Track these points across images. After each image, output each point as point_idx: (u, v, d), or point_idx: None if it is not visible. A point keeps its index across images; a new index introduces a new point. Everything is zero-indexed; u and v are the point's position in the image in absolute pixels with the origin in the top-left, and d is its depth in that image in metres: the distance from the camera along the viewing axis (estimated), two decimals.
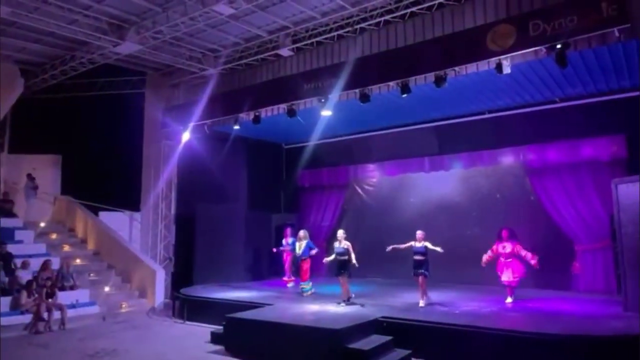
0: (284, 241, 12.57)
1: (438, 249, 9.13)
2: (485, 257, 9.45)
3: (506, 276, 9.24)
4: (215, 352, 8.26)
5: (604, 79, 9.79)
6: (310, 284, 11.10)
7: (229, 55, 12.89)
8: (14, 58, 13.58)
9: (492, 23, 8.54)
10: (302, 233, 11.44)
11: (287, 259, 12.43)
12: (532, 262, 9.09)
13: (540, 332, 6.84)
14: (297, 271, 11.68)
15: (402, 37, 10.37)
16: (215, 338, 8.80)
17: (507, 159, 12.09)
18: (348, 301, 9.47)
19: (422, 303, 9.16)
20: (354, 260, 9.47)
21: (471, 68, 8.96)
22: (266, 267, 14.17)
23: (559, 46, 7.62)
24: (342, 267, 9.55)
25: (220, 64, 13.08)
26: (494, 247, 9.39)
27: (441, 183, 13.08)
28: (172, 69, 13.94)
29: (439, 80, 8.89)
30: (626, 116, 10.00)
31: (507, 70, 8.32)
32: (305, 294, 10.85)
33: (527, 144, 11.64)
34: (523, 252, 9.18)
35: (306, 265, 11.20)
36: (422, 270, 9.18)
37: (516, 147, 11.84)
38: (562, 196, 11.05)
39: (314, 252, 11.24)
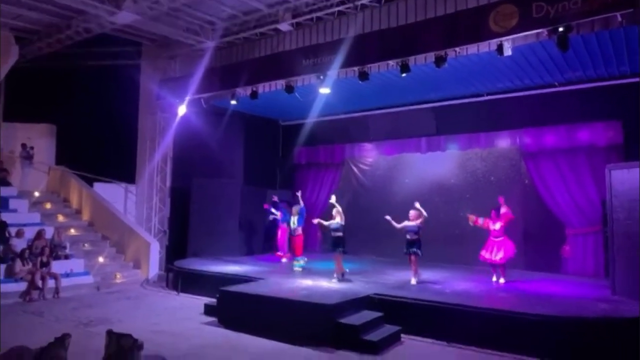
0: (274, 210, 12.67)
1: (424, 212, 9.27)
2: (474, 218, 9.58)
3: (495, 255, 9.36)
4: (209, 323, 8.38)
5: (604, 64, 9.76)
6: (304, 259, 11.19)
7: (227, 28, 12.70)
8: (9, 25, 13.31)
9: (495, 3, 8.41)
10: (296, 208, 11.50)
11: (282, 235, 12.50)
12: (508, 214, 9.30)
13: (529, 313, 6.96)
14: (291, 246, 11.76)
15: (403, 15, 10.25)
16: (208, 310, 8.92)
17: (504, 141, 12.14)
18: (342, 277, 9.58)
19: (413, 281, 9.29)
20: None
21: (472, 49, 8.90)
22: (260, 242, 14.27)
23: (561, 29, 7.56)
24: (336, 243, 9.63)
25: (218, 37, 12.90)
26: (485, 220, 9.48)
27: (437, 164, 13.12)
28: (169, 41, 13.72)
29: (439, 61, 8.82)
30: (624, 102, 10.04)
31: (508, 52, 8.27)
32: (297, 269, 10.95)
33: (524, 128, 11.68)
34: (503, 210, 9.32)
35: (299, 241, 11.28)
36: (414, 249, 9.28)
37: (513, 131, 11.88)
38: (557, 180, 11.13)
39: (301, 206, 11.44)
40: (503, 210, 9.41)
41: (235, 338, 7.58)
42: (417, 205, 9.36)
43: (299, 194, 11.79)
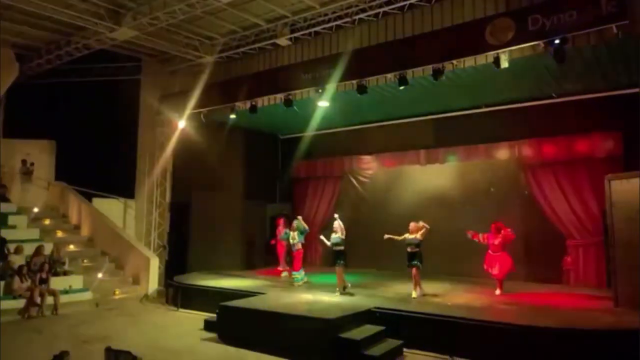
0: (277, 231, 12.58)
1: (424, 225, 9.26)
2: (471, 234, 9.58)
3: (493, 269, 9.34)
4: (208, 339, 8.30)
5: (601, 76, 9.81)
6: (303, 273, 11.14)
7: (226, 43, 12.81)
8: (10, 42, 13.45)
9: (491, 16, 8.53)
10: (295, 223, 11.46)
11: (282, 249, 12.45)
12: (509, 235, 9.30)
13: (532, 325, 6.90)
14: (291, 261, 11.68)
15: (400, 29, 10.34)
16: (208, 326, 8.84)
17: (503, 153, 12.15)
18: (344, 290, 9.52)
19: (414, 294, 9.23)
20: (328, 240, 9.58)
21: (469, 62, 8.94)
22: (260, 256, 14.19)
23: (557, 41, 7.63)
24: (338, 257, 9.59)
25: (217, 52, 13.00)
26: (484, 235, 9.47)
27: (436, 176, 13.12)
28: (169, 56, 13.84)
29: (437, 73, 8.87)
30: (623, 113, 10.05)
31: (505, 64, 8.30)
32: (297, 284, 10.88)
33: (523, 139, 11.70)
34: (503, 231, 9.31)
35: (299, 255, 11.23)
36: (415, 262, 9.23)
37: (512, 142, 11.90)
38: (556, 191, 11.12)
39: (305, 228, 11.32)
40: (497, 240, 9.36)
41: (235, 354, 7.51)
42: (421, 222, 9.32)
43: (300, 218, 11.66)
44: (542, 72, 9.58)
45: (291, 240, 11.32)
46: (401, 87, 9.40)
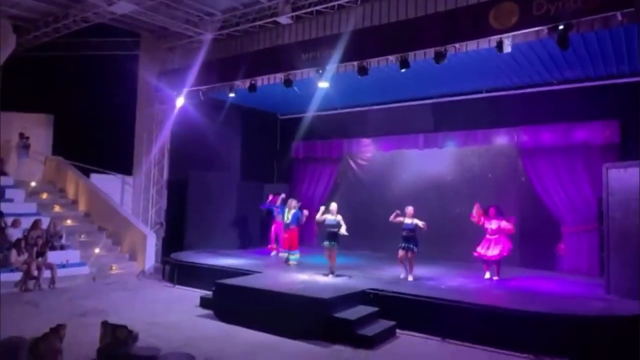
0: (270, 198, 12.60)
1: (420, 224, 9.22)
2: (473, 215, 9.59)
3: (492, 252, 9.39)
4: (204, 316, 8.40)
5: (603, 63, 9.76)
6: (298, 254, 11.18)
7: (227, 20, 12.63)
8: (7, 13, 13.21)
9: (496, 0, 8.41)
10: (292, 202, 11.47)
11: (276, 228, 12.45)
12: (509, 227, 9.27)
13: (523, 310, 7.00)
14: (285, 241, 11.57)
15: (403, 10, 10.20)
16: (204, 303, 8.94)
17: (501, 139, 12.16)
18: (333, 274, 9.57)
19: (410, 277, 9.32)
20: (344, 231, 9.51)
21: (472, 45, 8.87)
22: (257, 235, 14.25)
23: (561, 27, 7.56)
24: (332, 238, 9.64)
25: (217, 29, 12.83)
26: (482, 219, 9.51)
27: (434, 160, 13.14)
28: (168, 32, 13.66)
29: (439, 57, 8.80)
30: (622, 101, 10.07)
31: (507, 49, 8.24)
32: (292, 263, 10.94)
33: (522, 125, 11.70)
34: (503, 223, 9.32)
35: (294, 235, 11.26)
36: (411, 246, 9.29)
37: (510, 128, 11.90)
38: (553, 178, 11.16)
39: (305, 214, 11.31)
40: (504, 224, 9.36)
41: (230, 330, 7.60)
42: (418, 222, 9.32)
43: (301, 207, 11.67)
44: (544, 58, 9.52)
45: (286, 219, 11.33)
46: (402, 70, 9.33)
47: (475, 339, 7.02)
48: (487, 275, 9.48)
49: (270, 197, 12.79)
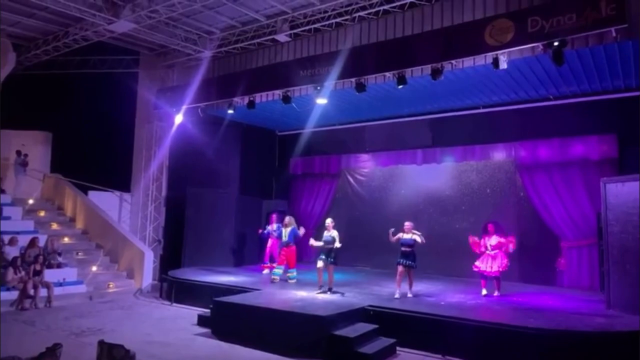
0: (269, 227, 12.50)
1: (419, 238, 9.18)
2: (472, 241, 9.52)
3: (491, 268, 9.32)
4: (202, 334, 8.30)
5: (599, 79, 9.86)
6: (296, 272, 11.08)
7: (225, 38, 12.78)
8: (7, 32, 13.35)
9: (491, 17, 8.54)
10: (287, 219, 11.40)
11: (271, 246, 12.36)
12: (510, 245, 9.21)
13: (524, 326, 6.94)
14: (281, 258, 11.49)
15: (400, 28, 10.35)
16: (202, 321, 8.84)
17: (499, 154, 12.20)
18: (320, 290, 9.48)
19: (410, 294, 9.25)
20: (337, 243, 9.45)
21: (468, 62, 8.97)
22: (255, 252, 14.19)
23: (556, 43, 7.66)
24: (329, 255, 9.58)
25: (216, 47, 12.97)
26: (482, 241, 9.45)
27: (433, 176, 13.16)
28: (167, 50, 13.80)
29: (436, 73, 8.88)
30: (618, 116, 10.14)
31: (503, 65, 8.33)
32: (290, 282, 10.86)
33: (519, 140, 11.74)
34: (504, 240, 9.27)
35: (292, 252, 11.19)
36: (409, 262, 9.24)
37: (508, 143, 11.95)
38: (551, 193, 11.17)
39: (302, 231, 11.22)
40: (504, 240, 9.33)
41: (228, 349, 7.51)
42: (417, 236, 9.32)
43: (291, 219, 11.60)
44: (540, 74, 9.61)
45: (283, 238, 11.28)
46: (400, 86, 9.41)
47: (476, 356, 6.96)
48: (484, 292, 9.38)
49: (271, 223, 12.55)
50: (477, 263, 9.48)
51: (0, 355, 5.12)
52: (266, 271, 12.04)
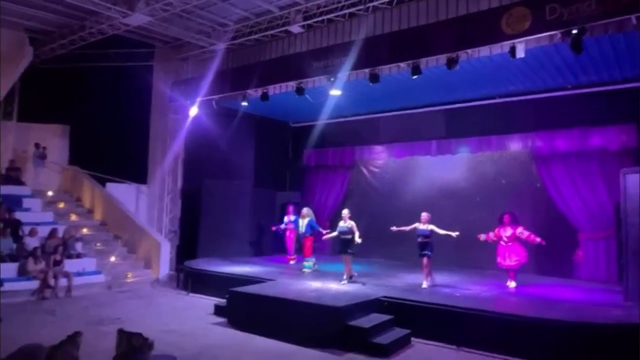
0: (285, 218, 12.58)
1: (452, 233, 9.13)
2: (483, 236, 9.46)
3: (508, 260, 9.27)
4: (218, 324, 8.42)
5: (618, 67, 9.64)
6: (313, 260, 11.20)
7: (239, 30, 12.78)
8: (24, 26, 13.53)
9: (507, 5, 8.38)
10: (305, 210, 11.49)
11: (290, 237, 12.49)
12: (538, 240, 9.08)
13: (541, 318, 6.90)
14: (300, 248, 11.74)
15: (414, 17, 10.24)
16: (218, 310, 8.97)
17: (515, 145, 12.04)
18: (350, 279, 9.57)
19: (425, 284, 9.24)
20: (357, 238, 9.50)
21: (484, 51, 8.84)
22: (269, 243, 14.29)
23: (574, 31, 7.50)
24: (345, 245, 9.62)
25: (230, 39, 12.98)
26: (497, 231, 9.40)
27: (447, 167, 13.06)
28: (181, 43, 13.85)
29: (451, 63, 8.78)
30: (638, 106, 9.90)
31: (520, 54, 8.19)
32: (306, 271, 10.94)
33: (536, 131, 11.57)
34: (526, 234, 9.17)
35: (309, 243, 11.28)
36: (426, 252, 9.23)
37: (524, 134, 11.78)
38: (569, 184, 11.01)
39: (320, 230, 11.28)
40: (520, 231, 9.23)
41: (244, 339, 7.61)
42: (437, 229, 9.22)
43: (309, 210, 11.68)
44: (558, 63, 9.44)
45: (300, 229, 11.37)
46: (414, 77, 9.32)
47: (491, 347, 6.93)
48: (513, 284, 9.29)
49: (288, 214, 12.62)
50: (498, 259, 9.38)
51: (12, 344, 5.23)
52: (293, 261, 12.15)
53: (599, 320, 6.86)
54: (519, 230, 9.23)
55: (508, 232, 9.29)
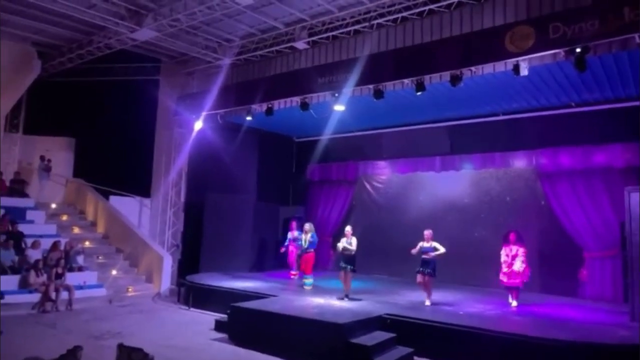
0: (289, 234, 12.56)
1: (441, 249, 9.09)
2: (504, 264, 9.21)
3: (511, 279, 9.14)
4: (219, 339, 8.34)
5: (622, 85, 9.66)
6: (311, 278, 11.07)
7: (244, 45, 12.91)
8: (32, 40, 13.71)
9: (511, 24, 8.46)
10: (307, 226, 11.46)
11: (293, 252, 12.44)
12: (525, 274, 8.98)
13: (545, 338, 6.80)
14: (303, 265, 11.57)
15: (419, 35, 10.32)
16: (219, 326, 8.89)
17: (519, 162, 12.01)
18: (347, 297, 9.47)
19: (428, 302, 9.15)
20: (353, 247, 9.49)
21: (488, 68, 8.88)
22: (272, 258, 14.23)
23: (578, 50, 7.53)
24: (347, 262, 9.56)
25: (235, 54, 13.11)
26: (506, 251, 9.21)
27: (451, 183, 13.02)
28: (187, 58, 14.00)
29: (455, 80, 8.82)
30: None
31: (524, 72, 8.23)
32: (307, 288, 10.85)
33: (540, 148, 11.55)
34: (522, 259, 9.06)
35: (310, 259, 11.21)
36: (429, 270, 9.16)
37: (529, 151, 11.76)
38: (573, 202, 10.95)
39: (315, 239, 11.31)
40: (522, 250, 9.16)
41: (245, 355, 7.53)
42: (437, 245, 9.24)
43: (311, 225, 11.67)
44: (562, 80, 9.47)
45: (303, 244, 11.32)
46: (418, 93, 9.36)
47: None
48: (515, 303, 9.16)
49: (292, 230, 12.61)
50: (501, 276, 9.20)
51: (13, 357, 5.20)
52: (296, 277, 12.10)
53: (605, 341, 6.76)
54: (521, 253, 9.09)
55: (514, 251, 9.17)
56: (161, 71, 15.02)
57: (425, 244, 9.26)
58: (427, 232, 9.35)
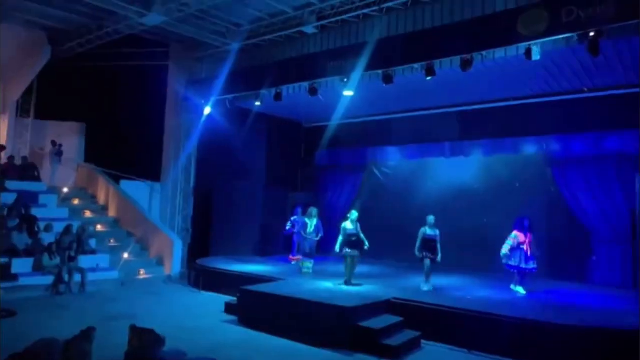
0: (292, 218, 12.54)
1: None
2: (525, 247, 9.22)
3: (525, 264, 9.10)
4: (229, 321, 8.48)
5: (635, 70, 9.49)
6: (312, 262, 11.09)
7: (253, 30, 12.82)
8: (42, 25, 13.72)
9: (523, 7, 8.31)
10: (313, 211, 11.47)
11: (296, 237, 12.45)
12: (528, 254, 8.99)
13: (553, 323, 6.84)
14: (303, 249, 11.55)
15: (429, 19, 10.17)
16: (229, 308, 9.02)
17: (530, 147, 11.93)
18: (347, 283, 9.50)
19: (429, 286, 9.20)
20: (350, 226, 9.57)
21: (499, 53, 8.77)
22: (281, 243, 14.31)
23: (592, 34, 7.41)
24: (352, 247, 9.58)
25: (244, 39, 13.03)
26: (523, 237, 9.14)
27: (461, 169, 12.98)
28: (196, 43, 13.93)
29: (466, 64, 8.72)
30: None
31: (536, 56, 8.11)
32: (304, 272, 10.88)
33: (551, 134, 11.46)
34: (526, 247, 9.01)
35: (313, 244, 11.24)
36: (435, 255, 9.24)
37: (539, 137, 11.67)
38: (584, 188, 10.89)
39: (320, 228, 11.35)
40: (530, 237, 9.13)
41: (254, 337, 7.65)
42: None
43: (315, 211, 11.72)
44: (574, 65, 9.34)
45: (309, 229, 11.33)
46: (428, 78, 9.28)
47: (503, 352, 6.89)
48: (521, 288, 9.17)
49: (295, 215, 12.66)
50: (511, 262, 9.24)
51: (26, 339, 5.32)
52: (294, 262, 12.15)
53: (613, 326, 6.77)
54: (529, 239, 9.07)
55: (527, 237, 9.12)
56: (170, 56, 14.98)
57: (429, 230, 9.33)
58: (432, 218, 9.43)
